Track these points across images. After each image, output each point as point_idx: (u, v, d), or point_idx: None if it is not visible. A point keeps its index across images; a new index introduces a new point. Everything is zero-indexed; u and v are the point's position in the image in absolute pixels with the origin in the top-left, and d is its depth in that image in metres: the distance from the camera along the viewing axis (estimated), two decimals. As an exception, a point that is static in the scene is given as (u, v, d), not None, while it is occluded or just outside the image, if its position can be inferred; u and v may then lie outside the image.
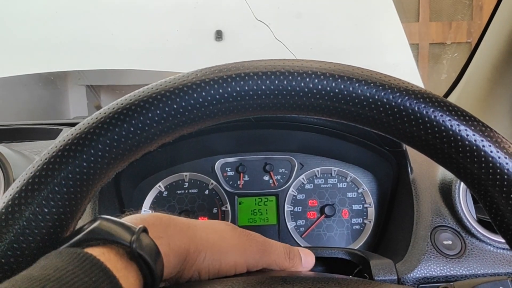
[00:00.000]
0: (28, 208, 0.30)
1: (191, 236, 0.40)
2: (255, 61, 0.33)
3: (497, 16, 0.89)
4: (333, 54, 2.23)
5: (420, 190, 0.74)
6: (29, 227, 0.30)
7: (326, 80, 0.32)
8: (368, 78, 0.32)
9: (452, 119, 0.31)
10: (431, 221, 0.70)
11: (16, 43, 2.17)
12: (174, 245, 0.38)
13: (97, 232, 0.32)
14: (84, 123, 0.32)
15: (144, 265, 0.33)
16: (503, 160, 0.31)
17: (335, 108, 0.32)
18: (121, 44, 2.24)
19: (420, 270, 0.65)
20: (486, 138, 0.31)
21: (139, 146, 0.32)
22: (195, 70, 0.33)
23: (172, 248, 0.38)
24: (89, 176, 0.31)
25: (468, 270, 0.66)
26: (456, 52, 2.89)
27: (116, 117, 0.31)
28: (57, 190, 0.31)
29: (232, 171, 0.87)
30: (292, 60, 0.33)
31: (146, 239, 0.34)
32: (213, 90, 0.31)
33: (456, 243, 0.69)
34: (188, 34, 2.30)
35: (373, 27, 2.40)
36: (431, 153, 0.33)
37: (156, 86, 0.32)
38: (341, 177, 0.87)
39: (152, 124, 0.31)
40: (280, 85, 0.31)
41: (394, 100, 0.32)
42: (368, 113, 0.32)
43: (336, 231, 0.85)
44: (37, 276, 0.27)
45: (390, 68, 2.24)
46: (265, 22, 2.22)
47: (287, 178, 0.87)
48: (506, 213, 0.32)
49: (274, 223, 0.86)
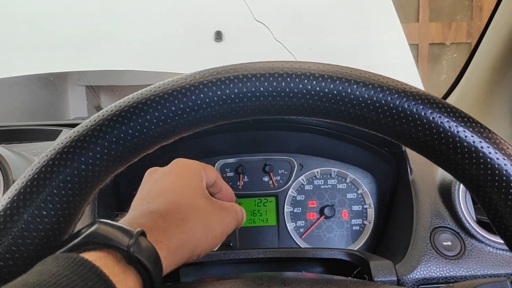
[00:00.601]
0: (27, 211, 0.30)
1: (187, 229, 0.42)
2: (253, 63, 0.33)
3: (497, 17, 0.89)
4: (333, 54, 2.23)
5: (419, 191, 0.74)
6: (27, 229, 0.30)
7: (324, 82, 0.32)
8: (366, 80, 0.32)
9: (451, 120, 0.31)
10: (431, 222, 0.70)
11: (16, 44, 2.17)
12: (172, 247, 0.39)
13: (95, 236, 0.32)
14: (82, 126, 0.32)
15: (142, 269, 0.33)
16: (501, 161, 0.31)
17: (334, 110, 0.32)
18: (121, 45, 2.24)
19: (419, 271, 0.65)
20: (485, 140, 0.31)
21: (138, 149, 0.32)
22: (193, 72, 0.33)
23: (171, 249, 0.38)
24: (88, 178, 0.31)
25: (467, 271, 0.66)
26: (456, 52, 2.89)
27: (115, 119, 0.31)
28: (56, 193, 0.31)
29: (232, 172, 0.87)
30: (290, 62, 0.33)
31: (144, 242, 0.34)
32: (211, 92, 0.31)
33: (456, 244, 0.69)
34: (187, 35, 2.30)
35: (372, 27, 2.40)
36: (430, 155, 0.33)
37: (154, 89, 0.32)
38: (340, 178, 0.87)
39: (150, 127, 0.31)
40: (279, 87, 0.31)
41: (392, 102, 0.32)
42: (366, 115, 0.32)
43: (336, 232, 0.85)
44: (33, 282, 0.27)
45: (389, 69, 2.24)
46: (265, 23, 2.22)
47: (287, 179, 0.87)
48: (504, 214, 0.32)
49: (274, 224, 0.86)
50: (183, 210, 0.43)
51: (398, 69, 2.28)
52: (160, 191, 0.45)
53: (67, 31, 2.19)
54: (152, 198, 0.44)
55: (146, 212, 0.41)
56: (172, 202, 0.43)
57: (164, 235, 0.39)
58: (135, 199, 0.46)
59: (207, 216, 0.45)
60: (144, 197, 0.45)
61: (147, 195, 0.45)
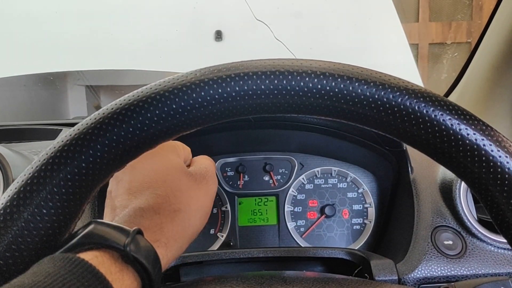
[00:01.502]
0: (27, 210, 0.30)
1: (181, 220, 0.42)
2: (254, 61, 0.32)
3: (497, 16, 0.89)
4: (333, 54, 2.23)
5: (420, 190, 0.74)
6: (27, 228, 0.30)
7: (325, 79, 0.31)
8: (367, 78, 0.32)
9: (453, 118, 0.31)
10: (432, 221, 0.70)
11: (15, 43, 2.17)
12: (170, 242, 0.39)
13: (91, 236, 0.32)
14: (83, 124, 0.32)
15: (140, 268, 0.33)
16: (503, 159, 0.31)
17: (335, 108, 0.32)
18: (121, 44, 2.24)
19: (420, 270, 0.65)
20: (487, 137, 0.31)
21: (138, 147, 0.32)
22: (194, 70, 0.32)
23: (169, 245, 0.38)
24: (88, 177, 0.31)
25: (469, 270, 0.66)
26: (456, 52, 2.89)
27: (115, 117, 0.31)
28: (56, 191, 0.31)
29: (232, 171, 0.87)
30: (291, 60, 0.33)
31: (142, 241, 0.34)
32: (212, 90, 0.31)
33: (457, 243, 0.68)
34: (187, 34, 2.30)
35: (372, 27, 2.40)
36: (431, 153, 0.33)
37: (154, 86, 0.32)
38: (341, 177, 0.87)
39: (150, 125, 0.31)
40: (280, 85, 0.31)
41: (394, 100, 0.31)
42: (368, 113, 0.32)
43: (337, 231, 0.85)
44: (28, 284, 0.26)
45: (389, 68, 2.23)
46: (265, 22, 2.22)
47: (287, 178, 0.87)
48: (507, 213, 0.32)
49: (274, 223, 0.86)
50: (173, 201, 0.42)
51: (398, 68, 2.28)
52: (144, 182, 0.43)
53: (67, 31, 2.19)
54: (137, 192, 0.42)
55: (138, 209, 0.40)
56: (160, 195, 0.42)
57: (161, 233, 0.39)
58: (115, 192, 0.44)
59: (193, 196, 0.44)
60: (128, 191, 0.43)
61: (130, 187, 0.43)
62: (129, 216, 0.40)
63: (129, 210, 0.41)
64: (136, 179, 0.44)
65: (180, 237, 0.41)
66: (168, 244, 0.39)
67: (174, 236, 0.40)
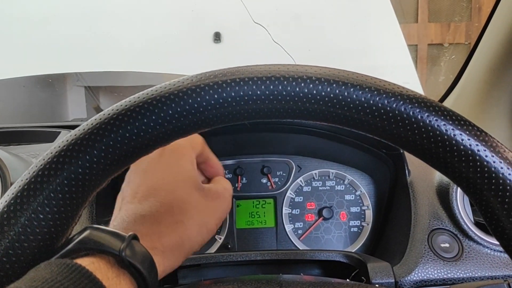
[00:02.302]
0: (24, 214, 0.30)
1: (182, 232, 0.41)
2: (250, 66, 0.33)
3: (495, 18, 0.89)
4: (331, 56, 2.23)
5: (417, 192, 0.74)
6: (25, 233, 0.30)
7: (321, 85, 0.32)
8: (363, 83, 0.32)
9: (447, 123, 0.31)
10: (429, 224, 0.70)
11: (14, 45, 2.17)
12: (168, 251, 0.39)
13: (86, 242, 0.33)
14: (80, 129, 0.32)
15: (136, 273, 0.33)
16: (498, 164, 0.31)
17: (330, 113, 0.32)
18: (120, 46, 2.24)
19: (417, 273, 0.65)
20: (481, 143, 0.31)
21: (135, 152, 0.32)
22: (190, 76, 0.33)
23: (167, 254, 0.38)
24: (85, 181, 0.31)
25: (465, 273, 0.66)
26: (454, 53, 2.89)
27: (112, 123, 0.31)
28: (53, 196, 0.31)
29: (230, 173, 0.87)
30: (287, 65, 0.33)
31: (138, 247, 0.34)
32: (209, 96, 0.31)
33: (454, 246, 0.69)
34: (186, 36, 2.30)
35: (371, 28, 2.40)
36: (427, 158, 0.33)
37: (151, 92, 0.32)
38: (338, 179, 0.87)
39: (148, 130, 0.31)
40: (275, 90, 0.31)
41: (389, 105, 0.32)
42: (363, 118, 0.32)
43: (334, 234, 0.85)
44: None
45: (388, 70, 2.24)
46: (263, 25, 2.22)
47: (285, 180, 0.87)
48: (501, 217, 0.32)
49: (272, 226, 0.86)
50: (176, 212, 0.42)
51: (396, 70, 2.29)
52: (151, 188, 0.43)
53: (65, 32, 2.19)
54: (142, 198, 0.42)
55: (138, 216, 0.40)
56: (164, 204, 0.42)
57: (159, 241, 0.39)
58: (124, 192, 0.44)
59: (201, 212, 0.44)
60: (134, 194, 0.43)
61: (137, 191, 0.43)
62: (128, 222, 0.40)
63: (130, 215, 0.41)
64: (144, 183, 0.44)
65: (178, 249, 0.41)
66: (165, 253, 0.39)
67: (172, 247, 0.40)
